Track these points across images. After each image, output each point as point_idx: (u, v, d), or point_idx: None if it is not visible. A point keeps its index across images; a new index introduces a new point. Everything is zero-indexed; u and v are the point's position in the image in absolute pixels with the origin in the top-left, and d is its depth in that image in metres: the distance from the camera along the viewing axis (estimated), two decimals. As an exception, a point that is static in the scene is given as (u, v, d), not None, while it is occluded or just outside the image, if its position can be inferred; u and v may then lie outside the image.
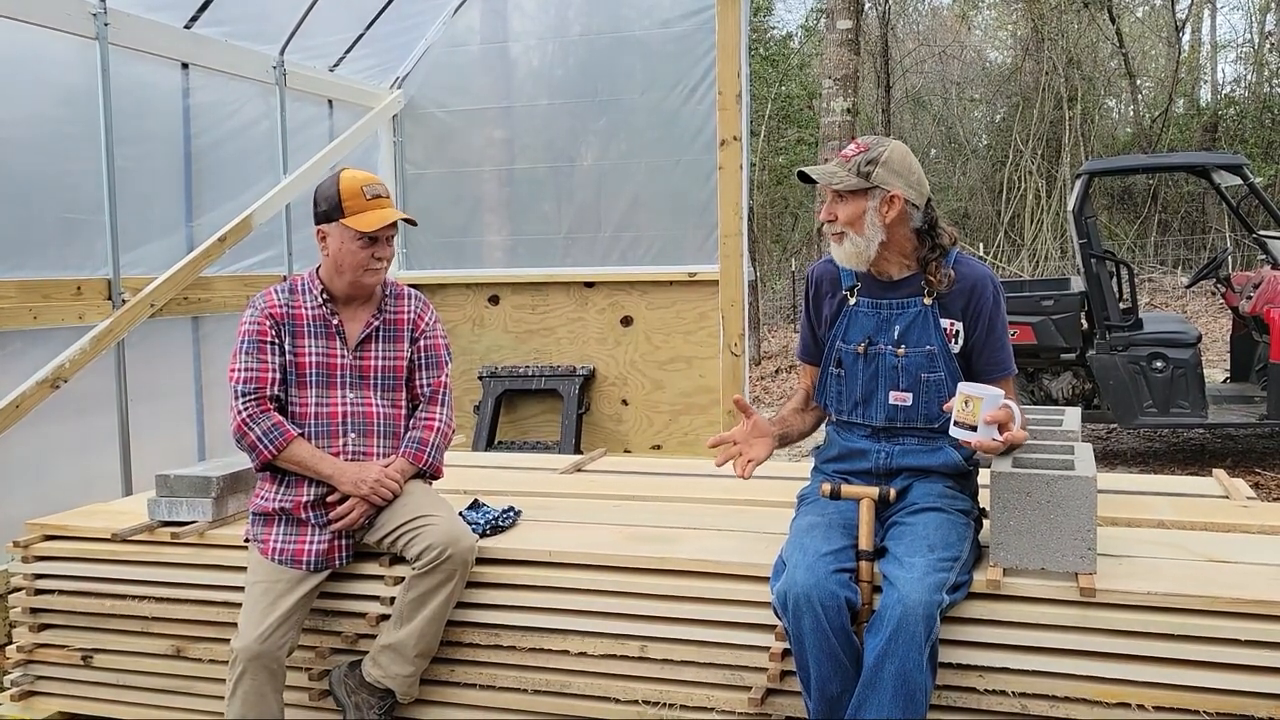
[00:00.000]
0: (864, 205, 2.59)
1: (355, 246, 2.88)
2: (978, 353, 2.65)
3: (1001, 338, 2.66)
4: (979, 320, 2.64)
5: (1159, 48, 23.16)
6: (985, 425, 2.38)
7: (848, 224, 2.61)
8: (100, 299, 4.44)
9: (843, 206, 2.61)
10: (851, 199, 2.60)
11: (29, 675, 3.27)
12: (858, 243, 2.61)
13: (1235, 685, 2.29)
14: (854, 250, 2.62)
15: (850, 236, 2.61)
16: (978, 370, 2.65)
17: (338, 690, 2.86)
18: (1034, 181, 19.70)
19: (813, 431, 2.93)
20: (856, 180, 2.58)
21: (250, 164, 5.41)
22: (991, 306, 2.64)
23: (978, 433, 2.39)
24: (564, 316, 6.28)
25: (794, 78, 21.10)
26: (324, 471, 2.84)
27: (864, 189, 2.59)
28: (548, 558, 2.84)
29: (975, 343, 2.65)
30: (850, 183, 2.59)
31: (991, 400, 2.39)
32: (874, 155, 2.59)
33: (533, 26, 6.31)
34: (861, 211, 2.59)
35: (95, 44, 4.41)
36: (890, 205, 2.59)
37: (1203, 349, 6.94)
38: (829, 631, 2.33)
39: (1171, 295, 15.68)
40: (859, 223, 2.60)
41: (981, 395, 2.40)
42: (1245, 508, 3.11)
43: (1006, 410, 2.41)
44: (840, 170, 2.61)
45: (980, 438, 2.40)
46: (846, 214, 2.61)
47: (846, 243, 2.62)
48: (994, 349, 2.65)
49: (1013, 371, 2.68)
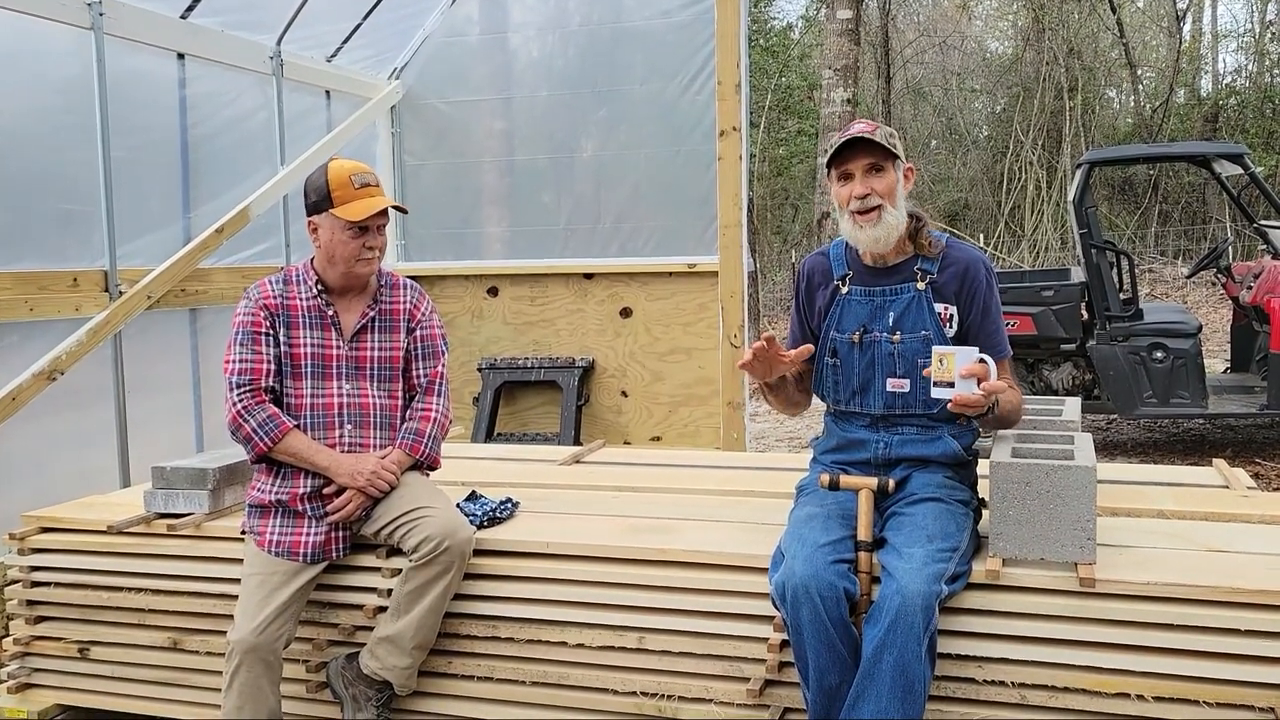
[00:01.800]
0: (895, 177, 2.60)
1: (346, 236, 2.86)
2: (972, 336, 2.65)
3: (995, 320, 2.66)
4: (973, 303, 2.64)
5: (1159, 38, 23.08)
6: (962, 380, 2.39)
7: (886, 195, 2.58)
8: (97, 290, 4.42)
9: (879, 179, 2.58)
10: (887, 171, 2.59)
11: (26, 668, 3.27)
12: (894, 216, 2.59)
13: (1235, 675, 2.28)
14: (890, 225, 2.59)
15: (887, 210, 2.58)
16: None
17: (335, 682, 2.85)
18: (1034, 172, 19.65)
19: (800, 406, 2.88)
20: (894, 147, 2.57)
21: (247, 155, 5.39)
22: (984, 289, 2.64)
23: (955, 388, 2.39)
24: (563, 308, 6.26)
25: (794, 69, 21.06)
26: (320, 463, 2.83)
27: (894, 159, 2.58)
28: (546, 549, 2.84)
29: (970, 326, 2.65)
30: (897, 149, 2.57)
31: (965, 354, 2.41)
32: (890, 130, 2.61)
33: (532, 17, 6.29)
34: (894, 183, 2.60)
35: (91, 34, 4.39)
36: (908, 179, 2.62)
37: (1203, 339, 6.93)
38: (827, 622, 2.32)
39: (1172, 285, 15.65)
40: (893, 195, 2.59)
41: (954, 352, 2.41)
42: (1245, 498, 3.10)
43: (983, 365, 2.41)
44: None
45: (959, 392, 2.40)
46: (885, 185, 2.58)
47: (886, 216, 2.58)
48: (988, 332, 2.65)
49: (1008, 354, 2.69)
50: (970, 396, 2.39)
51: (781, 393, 2.80)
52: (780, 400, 2.82)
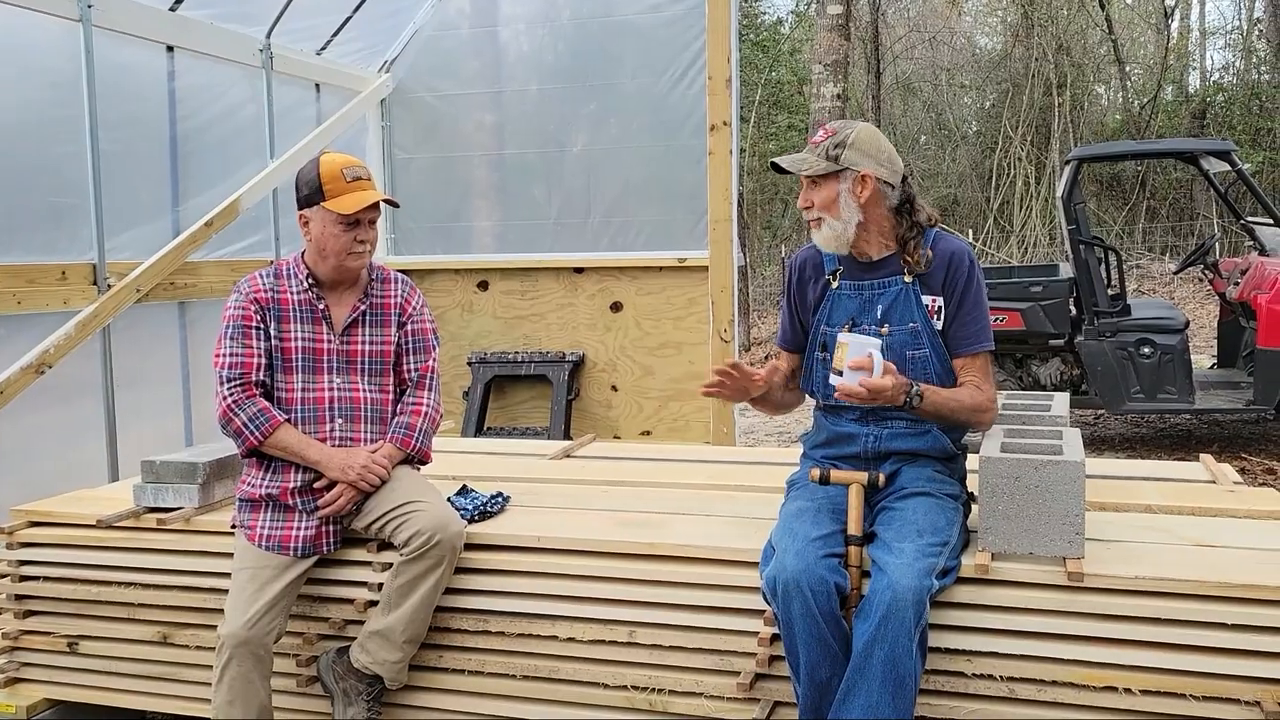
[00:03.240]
0: (837, 188, 2.64)
1: (337, 230, 2.86)
2: (951, 324, 2.66)
3: (973, 310, 2.66)
4: (954, 292, 2.66)
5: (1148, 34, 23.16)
6: (850, 370, 2.45)
7: (823, 208, 2.66)
8: (85, 284, 4.40)
9: (817, 192, 2.66)
10: (825, 183, 2.65)
11: (14, 662, 3.26)
12: (835, 226, 2.65)
13: (1222, 669, 2.30)
14: (832, 234, 2.67)
15: (827, 220, 2.65)
16: (952, 343, 2.67)
17: (325, 676, 2.85)
18: (1023, 168, 19.71)
19: (790, 406, 2.94)
20: (826, 164, 2.63)
21: (237, 148, 5.37)
22: (966, 279, 2.66)
23: (843, 377, 2.46)
24: (553, 302, 6.26)
25: (784, 63, 21.07)
26: (311, 457, 2.83)
27: (834, 172, 2.63)
28: (536, 543, 2.84)
29: (949, 314, 2.66)
30: (820, 167, 2.64)
31: (858, 347, 2.47)
32: (841, 139, 2.64)
33: (522, 10, 6.27)
34: (835, 195, 2.64)
35: (79, 26, 4.36)
36: (863, 185, 2.63)
37: (1190, 335, 6.96)
38: (818, 617, 2.33)
39: (1159, 281, 15.72)
40: (834, 206, 2.64)
41: (849, 342, 2.48)
42: (1232, 492, 3.12)
43: (868, 358, 2.45)
44: (810, 156, 2.67)
45: (843, 381, 2.46)
46: (821, 199, 2.66)
47: (825, 227, 2.67)
48: (966, 322, 2.66)
49: (988, 346, 2.69)
50: (850, 387, 2.45)
51: (767, 401, 2.84)
52: (768, 406, 2.87)
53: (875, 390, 2.43)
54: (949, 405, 2.58)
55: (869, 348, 2.47)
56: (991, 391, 2.67)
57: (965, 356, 2.66)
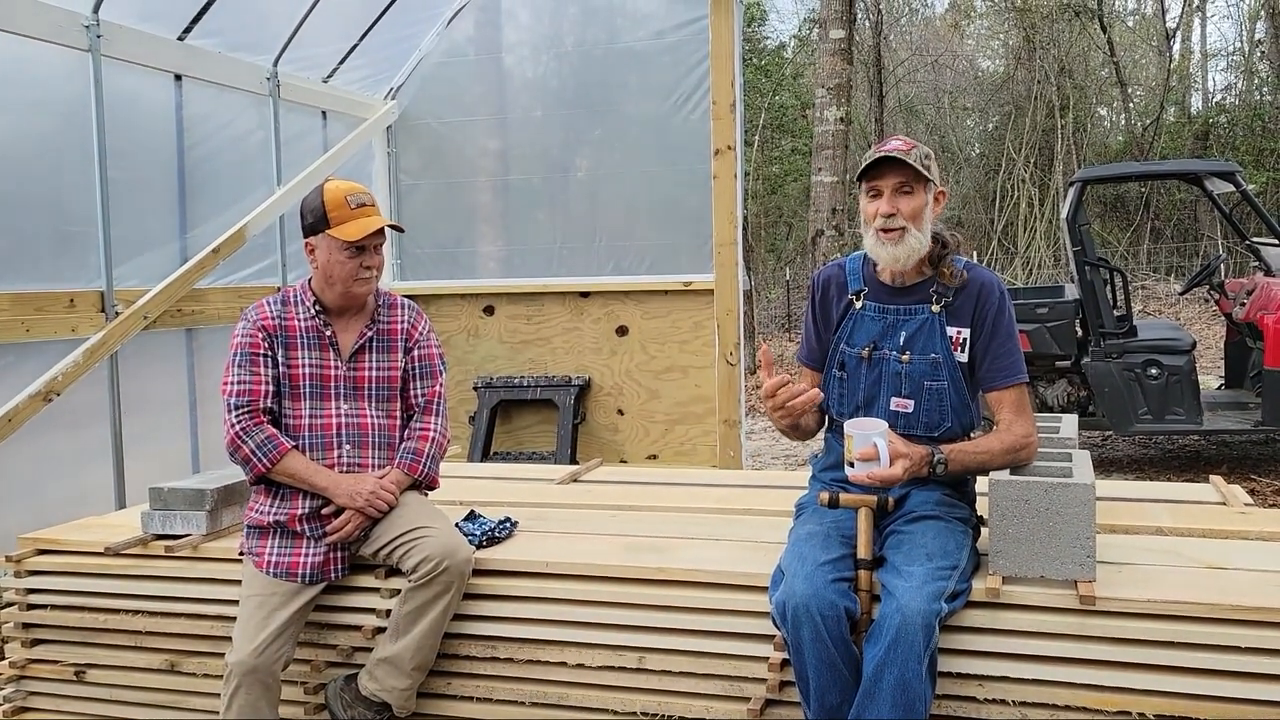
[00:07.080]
0: (924, 200, 2.56)
1: (343, 257, 2.87)
2: (983, 358, 2.62)
3: (1006, 343, 2.62)
4: (984, 325, 2.61)
5: (1150, 56, 23.26)
6: (860, 462, 2.40)
7: (911, 218, 2.54)
8: (93, 311, 4.42)
9: (909, 200, 2.55)
10: (916, 192, 2.55)
11: (22, 691, 3.24)
12: (918, 239, 2.56)
13: (1235, 692, 2.27)
14: (912, 247, 2.55)
15: (912, 232, 2.54)
16: (984, 377, 2.63)
17: (333, 704, 2.84)
18: (1027, 190, 19.75)
19: (811, 432, 2.86)
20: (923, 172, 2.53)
21: (244, 175, 5.41)
22: (997, 312, 2.61)
23: (854, 468, 2.42)
24: (559, 326, 6.27)
25: (788, 87, 21.19)
26: (319, 484, 2.83)
27: (926, 182, 2.56)
28: (544, 569, 2.83)
29: (980, 348, 2.62)
30: (930, 172, 2.54)
31: (862, 439, 2.40)
32: (926, 151, 2.58)
33: (527, 37, 6.33)
34: (923, 206, 2.56)
35: (88, 56, 4.41)
36: (938, 202, 2.60)
37: (1197, 356, 6.95)
38: (828, 641, 2.32)
39: (1165, 302, 15.71)
40: (919, 218, 2.55)
41: (854, 434, 2.42)
42: (1243, 514, 3.10)
43: (873, 449, 2.39)
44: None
45: (855, 473, 2.42)
46: (911, 208, 2.54)
47: (909, 238, 2.55)
48: (999, 355, 2.61)
49: (1021, 379, 2.63)
50: (863, 479, 2.40)
51: (802, 426, 2.74)
52: (801, 433, 2.78)
53: (886, 480, 2.40)
54: (978, 459, 2.53)
55: (873, 438, 2.40)
56: (1028, 425, 2.59)
57: (998, 390, 2.61)
